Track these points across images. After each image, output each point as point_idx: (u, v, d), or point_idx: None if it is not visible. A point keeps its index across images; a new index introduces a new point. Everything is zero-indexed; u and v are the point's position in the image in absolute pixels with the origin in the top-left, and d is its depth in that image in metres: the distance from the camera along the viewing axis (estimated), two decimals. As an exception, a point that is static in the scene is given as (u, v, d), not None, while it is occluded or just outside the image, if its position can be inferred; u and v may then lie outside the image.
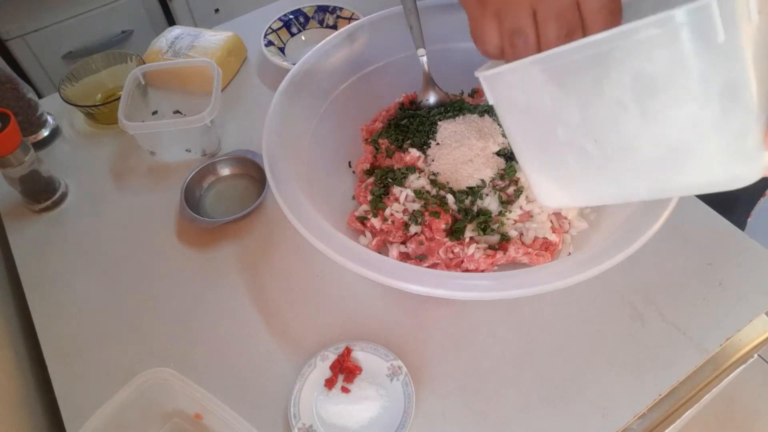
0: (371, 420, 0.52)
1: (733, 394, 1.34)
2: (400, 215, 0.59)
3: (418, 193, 0.60)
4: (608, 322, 0.58)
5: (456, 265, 0.57)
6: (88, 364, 0.59)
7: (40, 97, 0.83)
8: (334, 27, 0.92)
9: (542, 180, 0.46)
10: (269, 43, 0.88)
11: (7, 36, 1.43)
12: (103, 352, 0.60)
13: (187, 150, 0.76)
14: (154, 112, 0.81)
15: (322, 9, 0.93)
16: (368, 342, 0.56)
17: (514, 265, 0.58)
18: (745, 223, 0.89)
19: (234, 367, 0.58)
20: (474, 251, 0.56)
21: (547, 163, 0.44)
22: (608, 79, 0.36)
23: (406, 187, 0.60)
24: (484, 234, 0.57)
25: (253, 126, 0.79)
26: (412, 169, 0.62)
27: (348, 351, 0.55)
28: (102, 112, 0.79)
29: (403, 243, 0.60)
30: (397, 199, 0.60)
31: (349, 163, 0.69)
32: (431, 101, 0.70)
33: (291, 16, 0.92)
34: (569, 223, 0.60)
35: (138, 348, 0.60)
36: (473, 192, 0.59)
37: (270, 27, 0.90)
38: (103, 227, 0.71)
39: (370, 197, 0.62)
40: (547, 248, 0.58)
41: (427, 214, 0.58)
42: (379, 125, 0.69)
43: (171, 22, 1.65)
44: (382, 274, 0.48)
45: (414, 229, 0.59)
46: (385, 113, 0.71)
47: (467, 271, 0.57)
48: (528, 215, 0.59)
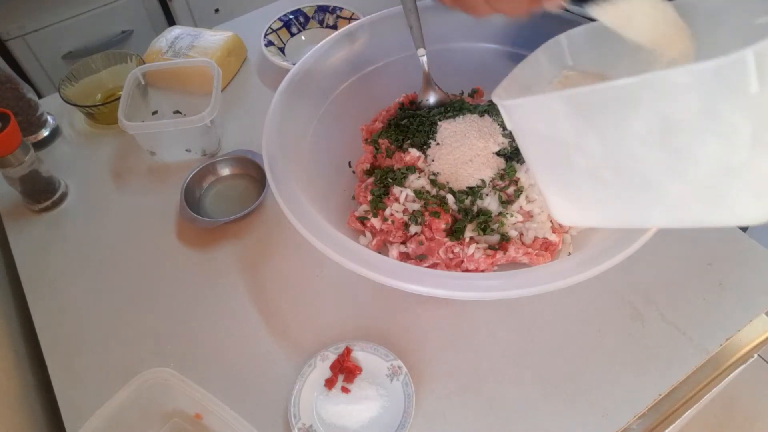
0: (371, 420, 0.52)
1: (733, 394, 1.34)
2: (400, 215, 0.59)
3: (418, 193, 0.60)
4: (608, 322, 0.58)
5: (456, 265, 0.57)
6: (88, 364, 0.59)
7: (40, 97, 0.83)
8: (334, 27, 0.92)
9: (557, 199, 0.46)
10: (269, 43, 0.88)
11: (7, 36, 1.43)
12: (103, 352, 0.60)
13: (187, 150, 0.76)
14: (154, 112, 0.81)
15: (322, 9, 0.93)
16: (368, 342, 0.56)
17: (514, 265, 0.58)
18: (745, 224, 0.89)
19: (234, 367, 0.58)
20: (474, 251, 0.56)
21: (562, 186, 0.44)
22: (635, 118, 0.35)
23: (406, 187, 0.60)
24: (484, 234, 0.57)
25: (253, 126, 0.79)
26: (412, 169, 0.62)
27: (348, 351, 0.55)
28: (102, 112, 0.79)
29: (403, 243, 0.60)
30: (397, 199, 0.60)
31: (349, 163, 0.69)
32: (431, 101, 0.70)
33: (291, 16, 0.92)
34: (569, 223, 0.60)
35: (138, 348, 0.60)
36: (473, 192, 0.59)
37: (270, 27, 0.90)
38: (103, 227, 0.71)
39: (370, 197, 0.62)
40: (547, 248, 0.58)
41: (427, 214, 0.58)
42: (379, 125, 0.69)
43: (171, 22, 1.64)
44: (382, 274, 0.48)
45: (414, 229, 0.59)
46: (385, 113, 0.71)
47: (467, 271, 0.57)
48: (528, 215, 0.59)
